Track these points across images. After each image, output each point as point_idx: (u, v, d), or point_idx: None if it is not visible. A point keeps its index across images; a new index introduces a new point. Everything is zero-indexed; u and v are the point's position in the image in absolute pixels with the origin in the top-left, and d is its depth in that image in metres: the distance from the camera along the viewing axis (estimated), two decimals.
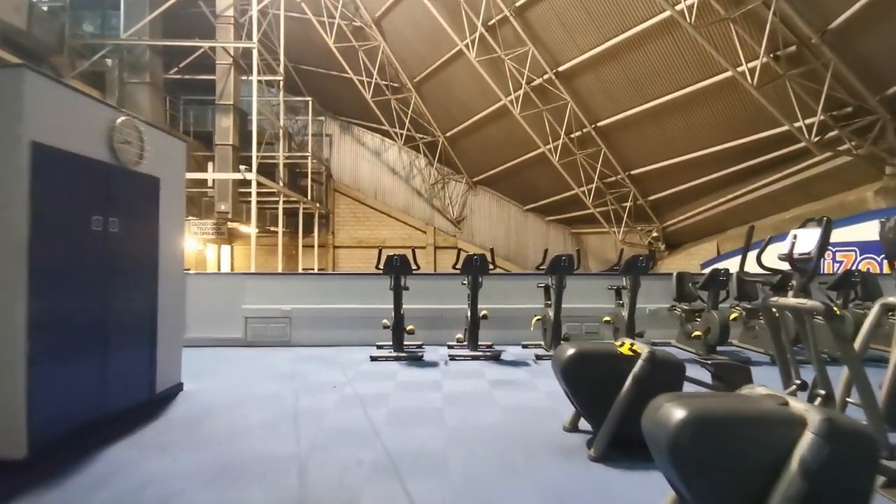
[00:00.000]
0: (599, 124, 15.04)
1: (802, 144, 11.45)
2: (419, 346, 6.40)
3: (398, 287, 5.83)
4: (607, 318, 6.39)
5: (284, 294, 6.68)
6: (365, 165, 21.13)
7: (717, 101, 12.48)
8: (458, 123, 18.12)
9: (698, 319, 6.08)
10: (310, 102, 18.32)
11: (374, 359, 5.78)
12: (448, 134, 18.96)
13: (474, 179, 20.56)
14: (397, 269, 5.78)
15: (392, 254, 5.73)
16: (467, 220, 20.94)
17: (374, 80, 17.47)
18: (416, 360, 5.81)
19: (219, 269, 19.31)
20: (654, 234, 17.82)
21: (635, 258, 5.82)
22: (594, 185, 16.27)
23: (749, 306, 6.18)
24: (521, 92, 14.78)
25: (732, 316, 5.65)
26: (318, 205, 18.77)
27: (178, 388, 4.40)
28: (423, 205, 20.95)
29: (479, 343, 6.07)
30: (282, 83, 14.76)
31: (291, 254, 19.43)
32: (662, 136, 14.29)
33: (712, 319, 5.65)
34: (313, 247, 18.93)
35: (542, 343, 6.41)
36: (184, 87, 18.14)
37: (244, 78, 14.05)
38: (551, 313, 6.05)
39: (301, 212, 16.94)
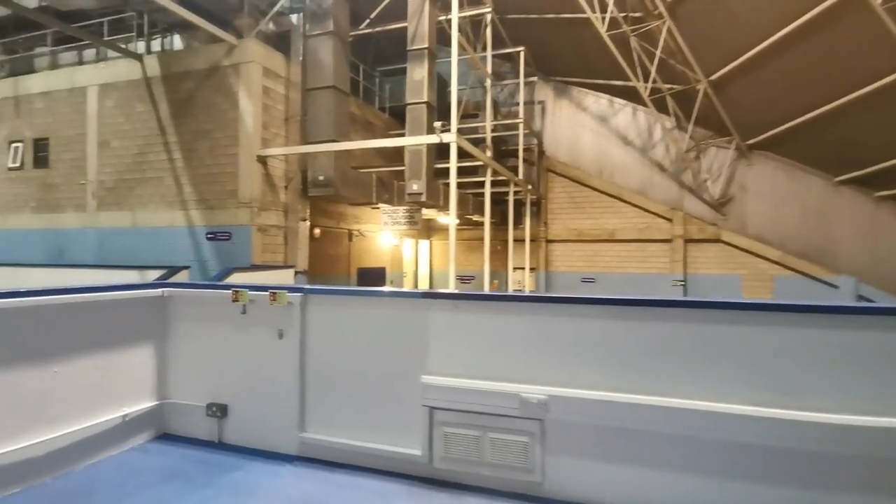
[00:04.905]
0: None
1: None
2: None
3: None
4: None
5: (521, 347, 2.52)
6: (587, 136, 16.33)
7: None
8: (731, 59, 12.05)
9: None
10: (521, 54, 14.30)
11: None
12: (713, 77, 13.00)
13: (749, 142, 14.12)
14: None
15: None
16: (736, 200, 14.61)
17: (608, 14, 12.47)
18: None
19: (416, 270, 16.78)
20: None
21: None
22: None
23: None
24: None
25: None
26: (529, 187, 14.76)
27: None
28: (667, 183, 15.33)
29: None
30: (489, 18, 11.04)
31: (496, 250, 15.84)
32: None
33: None
34: (523, 241, 15.00)
35: None
36: (380, 58, 16.12)
37: (442, 18, 10.71)
38: None
39: (511, 196, 13.13)
